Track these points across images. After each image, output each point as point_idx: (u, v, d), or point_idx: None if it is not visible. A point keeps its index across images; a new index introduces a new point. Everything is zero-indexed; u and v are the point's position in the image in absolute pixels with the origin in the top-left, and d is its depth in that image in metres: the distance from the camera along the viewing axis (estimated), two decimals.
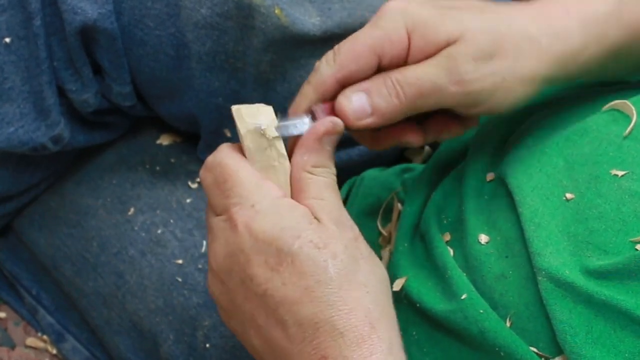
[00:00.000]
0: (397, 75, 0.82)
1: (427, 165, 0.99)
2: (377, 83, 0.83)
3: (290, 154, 0.83)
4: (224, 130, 1.12)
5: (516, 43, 0.83)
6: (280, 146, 0.82)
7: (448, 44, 0.82)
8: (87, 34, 1.05)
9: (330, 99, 0.84)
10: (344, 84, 0.84)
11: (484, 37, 0.82)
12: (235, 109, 0.82)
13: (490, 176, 0.89)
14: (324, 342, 0.76)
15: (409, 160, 1.15)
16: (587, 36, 0.85)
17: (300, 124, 0.83)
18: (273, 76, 1.07)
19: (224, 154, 0.82)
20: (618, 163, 0.81)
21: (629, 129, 0.82)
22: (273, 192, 0.80)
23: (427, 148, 1.13)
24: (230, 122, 0.92)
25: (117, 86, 1.09)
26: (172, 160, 1.18)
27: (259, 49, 1.06)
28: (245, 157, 0.82)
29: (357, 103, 0.82)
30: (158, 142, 1.20)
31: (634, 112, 0.82)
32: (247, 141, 0.81)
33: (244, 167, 0.81)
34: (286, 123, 0.83)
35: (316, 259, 0.76)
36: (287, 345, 0.77)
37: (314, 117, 0.83)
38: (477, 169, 0.91)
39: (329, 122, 0.82)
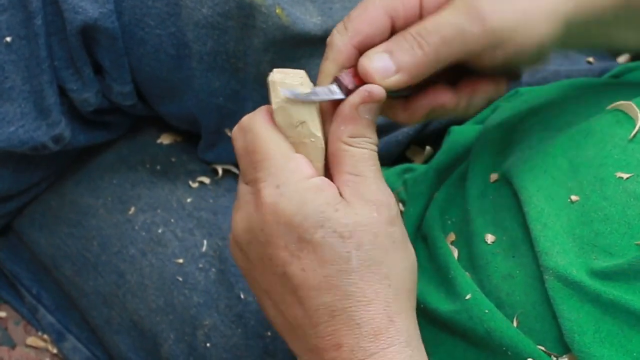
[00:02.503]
0: (415, 28, 0.80)
1: (428, 166, 0.99)
2: (397, 40, 0.80)
3: (325, 130, 0.80)
4: (225, 130, 1.12)
5: None
6: (313, 123, 0.79)
7: None
8: (88, 34, 1.05)
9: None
10: (361, 50, 0.81)
11: None
12: (271, 81, 0.79)
13: (494, 177, 0.89)
14: (340, 330, 0.76)
15: (410, 160, 1.15)
16: None
17: (326, 91, 0.80)
18: None
19: (259, 119, 0.79)
20: (623, 166, 0.81)
21: (633, 132, 0.82)
22: (302, 171, 0.77)
23: (428, 148, 1.14)
24: (231, 122, 0.92)
25: (118, 86, 1.09)
26: (173, 160, 1.18)
27: (259, 49, 1.06)
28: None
29: (380, 62, 0.79)
30: (158, 141, 1.20)
31: (639, 114, 0.83)
32: (278, 117, 0.79)
33: (276, 140, 0.78)
34: (314, 90, 0.79)
35: (339, 249, 0.75)
36: (304, 322, 0.77)
37: (340, 85, 0.80)
38: (481, 170, 0.91)
39: (364, 90, 0.78)
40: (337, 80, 0.80)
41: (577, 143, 0.85)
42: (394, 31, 0.81)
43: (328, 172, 0.80)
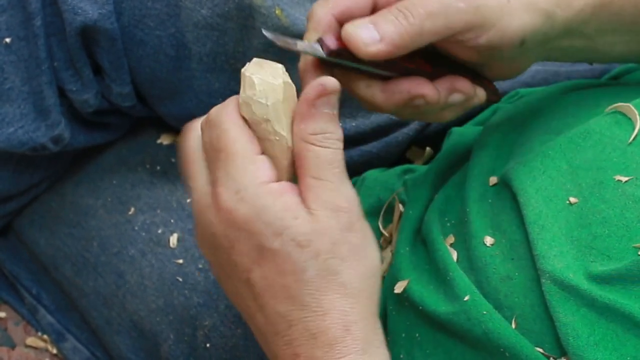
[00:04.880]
0: (402, 2, 0.79)
1: (428, 168, 0.99)
2: (382, 13, 0.80)
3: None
4: None
5: None
6: (277, 121, 0.77)
7: None
8: (88, 34, 1.05)
9: None
10: (341, 22, 0.81)
11: None
12: (243, 73, 0.78)
13: (493, 180, 0.89)
14: (297, 340, 0.76)
15: (410, 161, 1.15)
16: None
17: (308, 46, 0.79)
18: None
19: (228, 113, 0.78)
20: (622, 169, 0.81)
21: (632, 136, 0.82)
22: (262, 175, 0.76)
23: (428, 149, 1.14)
24: None
25: (117, 86, 1.09)
26: (173, 160, 1.18)
27: (259, 50, 1.06)
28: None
29: (365, 30, 0.79)
30: (158, 141, 1.20)
31: (638, 117, 0.82)
32: (243, 112, 0.77)
33: (241, 139, 0.77)
34: (296, 41, 0.79)
35: (296, 258, 0.75)
36: (266, 330, 0.78)
37: (322, 45, 0.79)
38: (480, 173, 0.91)
39: (317, 84, 0.76)
40: (320, 41, 0.80)
41: (577, 145, 0.85)
42: (375, 11, 0.81)
43: (295, 172, 0.79)
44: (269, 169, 0.77)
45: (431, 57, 0.84)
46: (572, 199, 0.82)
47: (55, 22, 1.05)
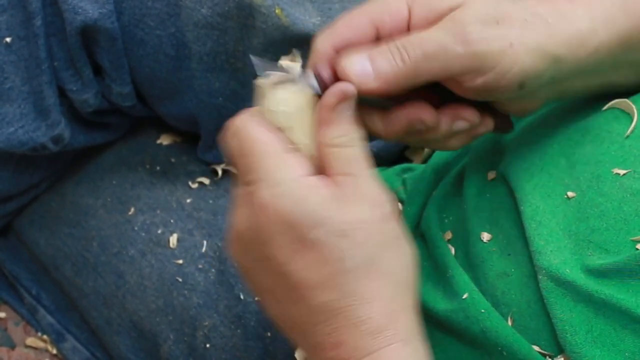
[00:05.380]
0: (399, 40, 0.79)
1: (427, 165, 0.99)
2: (380, 48, 0.80)
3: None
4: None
5: (523, 16, 0.81)
6: (301, 129, 0.78)
7: (451, 10, 0.80)
8: (88, 34, 1.05)
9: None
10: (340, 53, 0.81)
11: (490, 4, 0.80)
12: (259, 85, 0.79)
13: (491, 175, 0.88)
14: (340, 329, 0.75)
15: (410, 160, 1.15)
16: (594, 21, 0.83)
17: (304, 81, 0.79)
18: None
19: (249, 120, 0.78)
20: (620, 162, 0.81)
21: (630, 129, 0.82)
22: (297, 169, 0.77)
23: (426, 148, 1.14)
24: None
25: (117, 86, 1.09)
26: (172, 160, 1.18)
27: (259, 49, 1.06)
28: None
29: (359, 65, 0.79)
30: (158, 142, 1.20)
31: (635, 110, 0.82)
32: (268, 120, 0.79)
33: (269, 139, 0.77)
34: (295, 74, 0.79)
35: (338, 247, 0.75)
36: (304, 321, 0.77)
37: (316, 74, 0.79)
38: (479, 168, 0.90)
39: (338, 89, 0.78)
40: (314, 71, 0.80)
41: (575, 140, 0.85)
42: (378, 42, 0.81)
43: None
44: (302, 163, 0.77)
45: (437, 89, 0.83)
46: (570, 193, 0.82)
47: (55, 22, 1.05)
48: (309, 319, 0.76)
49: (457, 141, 0.86)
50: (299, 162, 0.77)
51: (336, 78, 0.79)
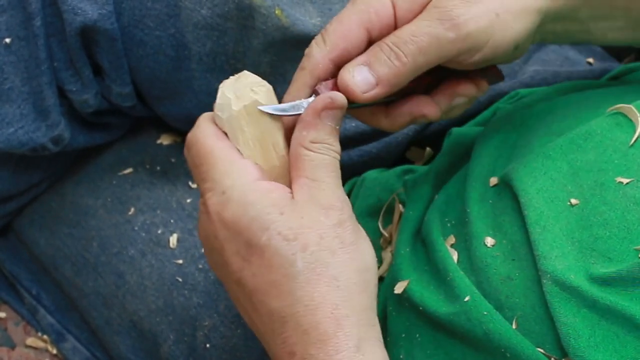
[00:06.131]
0: (391, 38, 0.81)
1: (429, 168, 0.99)
2: (374, 52, 0.81)
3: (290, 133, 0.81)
4: None
5: None
6: (233, 135, 0.80)
7: None
8: (87, 35, 1.05)
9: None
10: (339, 64, 0.82)
11: None
12: (222, 90, 0.81)
13: (493, 181, 0.89)
14: (291, 337, 0.76)
15: (410, 162, 1.15)
16: None
17: (304, 105, 0.81)
18: (273, 77, 1.07)
19: (202, 130, 0.80)
20: (623, 170, 0.81)
21: (634, 138, 0.82)
22: (248, 174, 0.78)
23: (428, 150, 1.13)
24: None
25: (117, 87, 1.09)
26: (173, 160, 1.18)
27: (259, 50, 1.06)
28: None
29: (360, 76, 0.81)
30: (158, 142, 1.20)
31: (639, 119, 0.82)
32: (235, 121, 0.80)
33: (219, 147, 0.79)
34: (290, 103, 0.81)
35: (284, 252, 0.75)
36: (263, 330, 0.78)
37: (317, 96, 0.81)
38: (481, 173, 0.91)
39: (327, 97, 0.79)
40: (315, 93, 0.82)
41: (578, 146, 0.85)
42: (370, 42, 0.83)
43: (285, 173, 0.80)
44: (253, 168, 0.79)
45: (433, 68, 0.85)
46: (573, 201, 0.82)
47: (55, 23, 1.05)
48: (266, 327, 0.77)
49: (457, 111, 0.88)
50: (250, 166, 0.78)
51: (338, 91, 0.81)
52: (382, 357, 0.78)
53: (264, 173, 0.79)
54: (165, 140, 1.20)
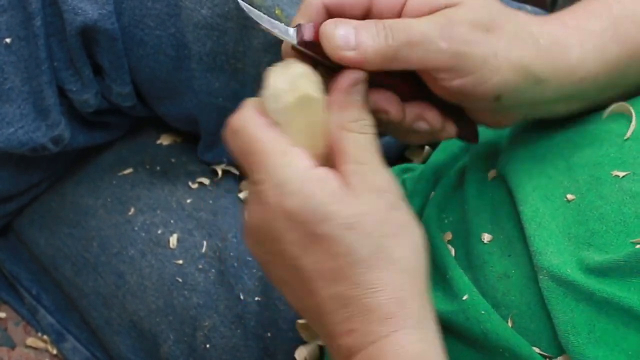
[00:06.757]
0: (388, 21, 0.80)
1: (426, 166, 0.99)
2: (368, 22, 0.80)
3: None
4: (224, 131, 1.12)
5: (515, 30, 0.81)
6: (287, 125, 0.79)
7: (446, 7, 0.80)
8: (88, 35, 1.05)
9: None
10: (332, 15, 0.81)
11: (485, 10, 0.81)
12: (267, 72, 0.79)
13: (492, 174, 0.88)
14: (352, 317, 0.76)
15: (409, 160, 1.15)
16: (585, 52, 0.83)
17: (282, 29, 0.80)
18: None
19: (248, 118, 0.79)
20: (619, 164, 0.81)
21: (629, 131, 0.82)
22: (301, 164, 0.77)
23: (427, 148, 1.13)
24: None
25: (117, 87, 1.09)
26: (173, 160, 1.18)
27: (259, 50, 1.06)
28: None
29: (343, 32, 0.79)
30: (158, 142, 1.20)
31: (633, 113, 0.82)
32: (287, 113, 0.79)
33: (269, 136, 0.78)
34: (271, 20, 0.80)
35: (346, 240, 0.75)
36: (318, 311, 0.78)
37: (298, 31, 0.80)
38: (479, 168, 0.90)
39: (351, 73, 0.79)
40: (297, 27, 0.81)
41: (574, 142, 0.85)
42: (367, 15, 0.82)
43: (330, 158, 0.79)
44: (305, 157, 0.78)
45: (412, 80, 0.84)
46: (570, 196, 0.82)
47: (55, 22, 1.05)
48: (322, 309, 0.77)
49: (416, 138, 0.87)
50: (301, 156, 0.78)
51: (316, 38, 0.80)
52: (436, 337, 0.78)
53: (316, 160, 0.79)
54: (165, 140, 1.20)
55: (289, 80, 0.79)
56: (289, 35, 0.81)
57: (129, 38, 1.07)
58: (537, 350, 0.79)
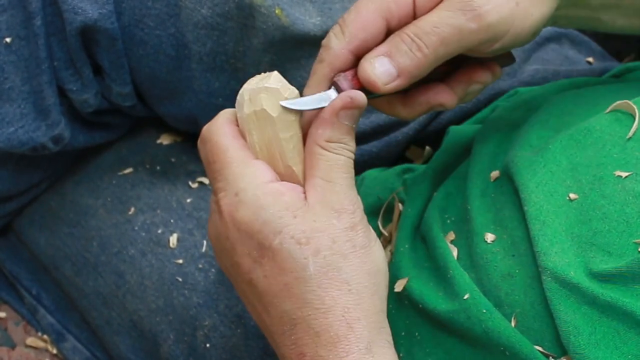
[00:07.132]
0: (412, 29, 0.80)
1: (428, 166, 0.99)
2: (395, 42, 0.80)
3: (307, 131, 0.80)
4: None
5: None
6: (248, 133, 0.79)
7: None
8: (88, 34, 1.05)
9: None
10: (357, 55, 0.81)
11: None
12: (244, 90, 0.80)
13: (494, 174, 0.89)
14: (301, 339, 0.76)
15: (410, 161, 1.15)
16: None
17: (324, 97, 0.80)
18: None
19: (218, 126, 0.80)
20: (622, 164, 0.81)
21: (632, 130, 0.82)
22: (260, 177, 0.78)
23: (427, 149, 1.14)
24: None
25: (117, 86, 1.09)
26: (173, 160, 1.18)
27: (259, 49, 1.06)
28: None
29: (382, 68, 0.80)
30: (158, 141, 1.20)
31: (637, 112, 0.82)
32: (246, 123, 0.79)
33: (233, 147, 0.79)
34: (310, 97, 0.80)
35: (296, 255, 0.75)
36: (272, 330, 0.78)
37: (337, 88, 0.80)
38: (482, 168, 0.90)
39: (347, 96, 0.78)
40: (334, 85, 0.81)
41: (577, 142, 0.85)
42: (389, 32, 0.82)
43: (304, 171, 0.80)
44: (266, 170, 0.78)
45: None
46: (572, 195, 0.82)
47: (55, 22, 1.05)
48: (275, 328, 0.77)
49: (470, 97, 0.88)
50: (262, 169, 0.78)
51: (357, 84, 0.80)
52: (392, 358, 0.78)
53: (280, 176, 0.79)
54: (165, 140, 1.20)
55: (253, 91, 0.79)
56: (331, 97, 0.80)
57: (129, 38, 1.07)
58: (539, 349, 0.79)
